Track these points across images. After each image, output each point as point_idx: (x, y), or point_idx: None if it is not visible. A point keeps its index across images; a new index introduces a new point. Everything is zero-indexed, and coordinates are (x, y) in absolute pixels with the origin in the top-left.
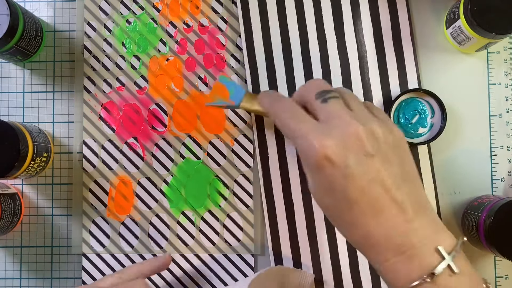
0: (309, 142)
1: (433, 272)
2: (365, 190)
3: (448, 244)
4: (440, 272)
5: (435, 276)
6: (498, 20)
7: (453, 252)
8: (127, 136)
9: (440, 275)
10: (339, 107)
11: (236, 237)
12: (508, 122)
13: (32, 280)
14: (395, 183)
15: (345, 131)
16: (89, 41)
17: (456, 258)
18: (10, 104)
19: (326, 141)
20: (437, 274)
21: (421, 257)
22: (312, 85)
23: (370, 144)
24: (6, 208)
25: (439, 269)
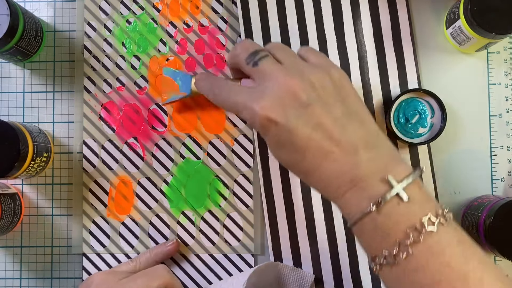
0: (249, 110)
1: (379, 201)
2: (310, 138)
3: (400, 174)
4: (386, 200)
5: (381, 204)
6: (498, 20)
7: (404, 180)
8: (127, 136)
9: (386, 203)
10: (269, 66)
11: (236, 237)
12: (508, 122)
13: (32, 280)
14: (338, 125)
15: (279, 88)
16: (89, 41)
17: (409, 187)
18: (10, 104)
19: (263, 104)
20: (383, 203)
21: (370, 188)
22: (240, 50)
23: (305, 95)
24: (6, 208)
25: (386, 197)
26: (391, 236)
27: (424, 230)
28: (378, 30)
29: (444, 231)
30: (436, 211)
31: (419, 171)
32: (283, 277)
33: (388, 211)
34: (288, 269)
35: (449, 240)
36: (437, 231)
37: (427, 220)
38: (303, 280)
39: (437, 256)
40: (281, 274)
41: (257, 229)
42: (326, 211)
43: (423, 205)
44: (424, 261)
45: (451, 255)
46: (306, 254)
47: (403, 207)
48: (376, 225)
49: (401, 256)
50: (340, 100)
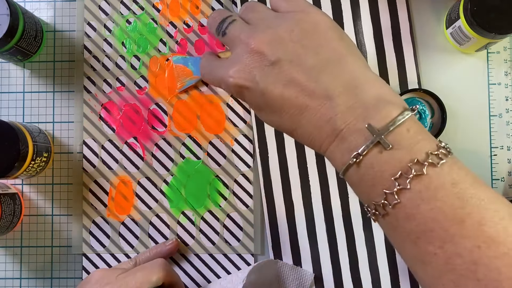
0: (224, 81)
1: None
2: (283, 96)
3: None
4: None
5: (362, 156)
6: (498, 20)
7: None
8: (127, 136)
9: (368, 153)
10: (236, 31)
11: (236, 237)
12: (508, 122)
13: (32, 280)
14: (311, 77)
15: (244, 52)
16: (89, 41)
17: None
18: (10, 104)
19: (232, 71)
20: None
21: (349, 139)
22: (211, 21)
23: (271, 52)
24: (6, 208)
25: (366, 147)
26: (377, 186)
27: (412, 175)
28: (378, 30)
29: (436, 173)
30: (427, 152)
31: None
32: (283, 275)
33: (370, 161)
34: (287, 267)
35: (441, 182)
36: (427, 173)
37: (414, 164)
38: (302, 278)
39: (428, 201)
40: (280, 272)
41: (257, 229)
42: (326, 211)
43: (411, 148)
44: (414, 209)
45: (444, 199)
46: (306, 254)
47: (386, 155)
48: (360, 177)
49: (390, 206)
50: (314, 47)
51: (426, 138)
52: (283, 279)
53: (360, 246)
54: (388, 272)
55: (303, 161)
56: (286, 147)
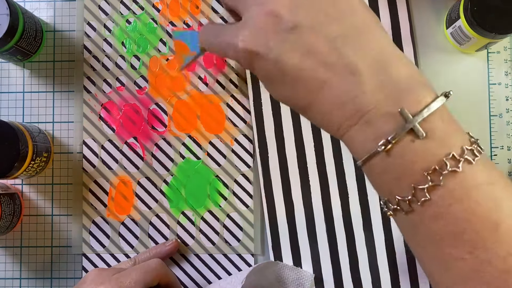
0: (231, 47)
1: (389, 140)
2: (300, 67)
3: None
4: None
5: (392, 143)
6: (498, 20)
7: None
8: (127, 136)
9: (398, 142)
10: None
11: (236, 237)
12: (508, 122)
13: (32, 280)
14: (334, 48)
15: (258, 14)
16: (89, 41)
17: (429, 120)
18: (10, 104)
19: (242, 36)
20: (393, 142)
21: (377, 123)
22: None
23: (290, 16)
24: (6, 208)
25: (397, 135)
26: (405, 180)
27: (446, 171)
28: None
29: (471, 171)
30: (462, 147)
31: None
32: (283, 276)
33: (400, 151)
34: (287, 268)
35: (476, 181)
36: (462, 170)
37: (449, 159)
38: (302, 279)
39: (461, 201)
40: (280, 273)
41: (257, 229)
42: (326, 211)
43: (446, 141)
44: (445, 208)
45: (479, 199)
46: (306, 254)
47: (419, 145)
48: (386, 167)
49: (417, 203)
50: (339, 15)
51: (459, 129)
52: (283, 280)
53: (360, 246)
54: (388, 272)
55: (303, 161)
56: (286, 147)
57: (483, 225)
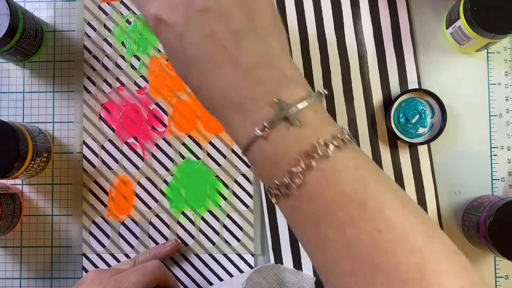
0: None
1: (266, 126)
2: (199, 47)
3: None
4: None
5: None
6: (498, 20)
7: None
8: (127, 136)
9: (274, 129)
10: None
11: (236, 237)
12: (508, 122)
13: (32, 280)
14: (234, 38)
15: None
16: (89, 41)
17: (303, 111)
18: (10, 104)
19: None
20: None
21: (256, 111)
22: None
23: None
24: (6, 208)
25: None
26: (281, 164)
27: (317, 155)
28: (378, 30)
29: (341, 156)
30: (332, 135)
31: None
32: (284, 279)
33: (276, 137)
34: (288, 271)
35: (345, 165)
36: (333, 155)
37: (321, 145)
38: (303, 282)
39: (332, 183)
40: (281, 276)
41: (257, 229)
42: None
43: (318, 129)
44: (318, 190)
45: (347, 181)
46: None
47: (293, 131)
48: (264, 153)
49: (294, 186)
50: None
51: (332, 122)
52: (284, 283)
53: None
54: None
55: None
56: None
57: (352, 204)
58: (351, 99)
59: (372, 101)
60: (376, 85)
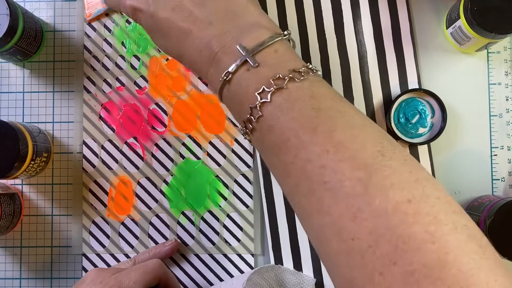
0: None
1: (229, 71)
2: (170, 20)
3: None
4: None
5: (231, 74)
6: (498, 20)
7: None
8: (127, 136)
9: (236, 72)
10: None
11: (236, 237)
12: (508, 122)
13: (32, 280)
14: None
15: None
16: (89, 41)
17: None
18: (10, 104)
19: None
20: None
21: (223, 60)
22: None
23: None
24: (6, 208)
25: (233, 66)
26: (244, 103)
27: (273, 89)
28: (378, 30)
29: (296, 87)
30: (290, 69)
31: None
32: (284, 280)
33: (238, 79)
34: (288, 272)
35: (300, 95)
36: (288, 87)
37: (276, 79)
38: (303, 283)
39: (286, 112)
40: (281, 277)
41: (257, 229)
42: None
43: (275, 67)
44: (274, 121)
45: (300, 109)
46: (306, 254)
47: (252, 72)
48: (231, 96)
49: (254, 120)
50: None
51: (294, 59)
52: (284, 284)
53: None
54: None
55: None
56: None
57: (303, 130)
58: (351, 99)
59: (372, 101)
60: (376, 85)
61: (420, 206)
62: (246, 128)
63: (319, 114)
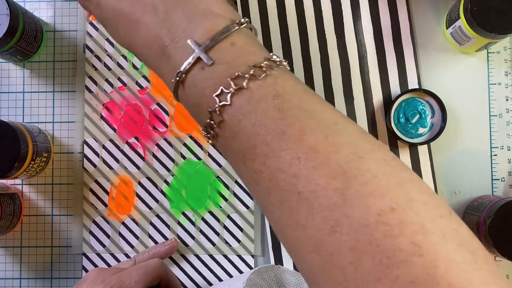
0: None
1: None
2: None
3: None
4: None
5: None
6: (498, 20)
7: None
8: (128, 136)
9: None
10: None
11: (236, 238)
12: (508, 122)
13: (32, 280)
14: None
15: None
16: (91, 40)
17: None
18: (10, 104)
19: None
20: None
21: (174, 57)
22: None
23: None
24: (6, 208)
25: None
26: (202, 106)
27: (232, 90)
28: (378, 30)
29: (258, 86)
30: (249, 66)
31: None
32: (283, 281)
33: (193, 80)
34: (288, 273)
35: (263, 95)
36: (248, 87)
37: (234, 79)
38: (303, 284)
39: (249, 116)
40: (281, 278)
41: (257, 230)
42: None
43: (233, 63)
44: (237, 126)
45: (265, 111)
46: None
47: (207, 71)
48: (187, 98)
49: (215, 125)
50: None
51: (253, 52)
52: (284, 284)
53: None
54: None
55: None
56: None
57: (270, 135)
58: (351, 99)
59: (372, 101)
60: (376, 85)
61: (404, 215)
62: (208, 133)
63: (286, 115)
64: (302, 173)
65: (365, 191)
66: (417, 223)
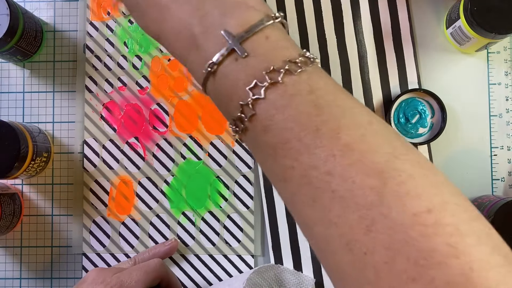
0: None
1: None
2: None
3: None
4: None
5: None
6: (498, 20)
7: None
8: (128, 136)
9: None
10: None
11: (236, 238)
12: (508, 122)
13: (32, 280)
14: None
15: None
16: (91, 40)
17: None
18: (10, 104)
19: None
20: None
21: (206, 47)
22: None
23: None
24: (6, 208)
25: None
26: (233, 99)
27: (266, 83)
28: (378, 30)
29: (293, 81)
30: (284, 60)
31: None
32: (283, 280)
33: (225, 71)
34: (288, 272)
35: (297, 90)
36: (283, 82)
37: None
38: (303, 283)
39: (283, 110)
40: (281, 277)
41: (257, 230)
42: None
43: (268, 57)
44: (269, 120)
45: (299, 107)
46: (306, 255)
47: (241, 63)
48: (217, 89)
49: (246, 119)
50: None
51: (288, 47)
52: (284, 284)
53: None
54: None
55: None
56: None
57: (305, 131)
58: None
59: (372, 101)
60: (376, 85)
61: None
62: (237, 127)
63: (321, 112)
64: (337, 170)
65: (402, 191)
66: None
